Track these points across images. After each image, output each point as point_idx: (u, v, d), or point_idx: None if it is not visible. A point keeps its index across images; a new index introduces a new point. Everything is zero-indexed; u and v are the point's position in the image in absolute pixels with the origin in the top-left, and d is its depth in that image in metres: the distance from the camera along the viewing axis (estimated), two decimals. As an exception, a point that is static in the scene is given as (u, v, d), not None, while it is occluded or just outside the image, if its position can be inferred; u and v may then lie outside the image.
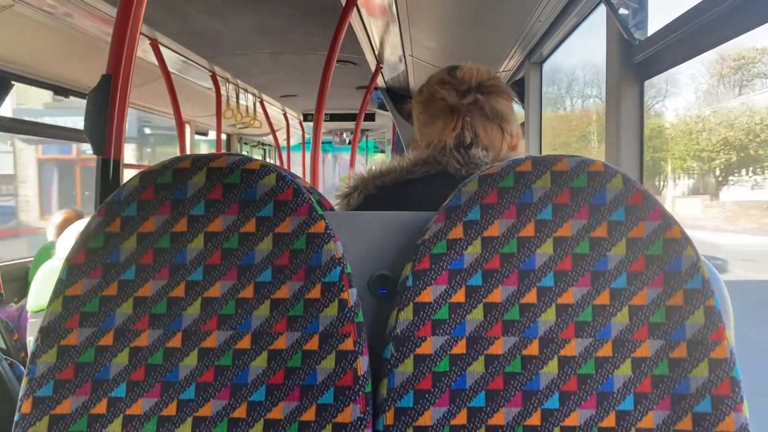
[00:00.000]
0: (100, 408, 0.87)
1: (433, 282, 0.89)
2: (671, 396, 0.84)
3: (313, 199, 0.93)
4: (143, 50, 3.61)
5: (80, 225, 3.38)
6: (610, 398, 0.85)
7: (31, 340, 2.83)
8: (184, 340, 0.89)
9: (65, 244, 3.25)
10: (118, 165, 1.14)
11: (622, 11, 1.89)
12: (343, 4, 2.84)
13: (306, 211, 0.91)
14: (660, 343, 0.86)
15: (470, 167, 1.20)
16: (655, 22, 1.81)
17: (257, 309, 0.89)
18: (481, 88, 1.27)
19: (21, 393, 0.88)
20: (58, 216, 3.80)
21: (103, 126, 1.11)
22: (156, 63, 3.76)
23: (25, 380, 0.89)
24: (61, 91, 4.14)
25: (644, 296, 0.87)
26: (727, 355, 0.84)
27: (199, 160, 0.93)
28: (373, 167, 1.30)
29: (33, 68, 3.69)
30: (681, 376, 0.84)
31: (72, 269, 0.91)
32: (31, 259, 3.95)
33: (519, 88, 3.72)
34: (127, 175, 1.05)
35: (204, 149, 8.13)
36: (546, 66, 3.61)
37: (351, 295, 0.89)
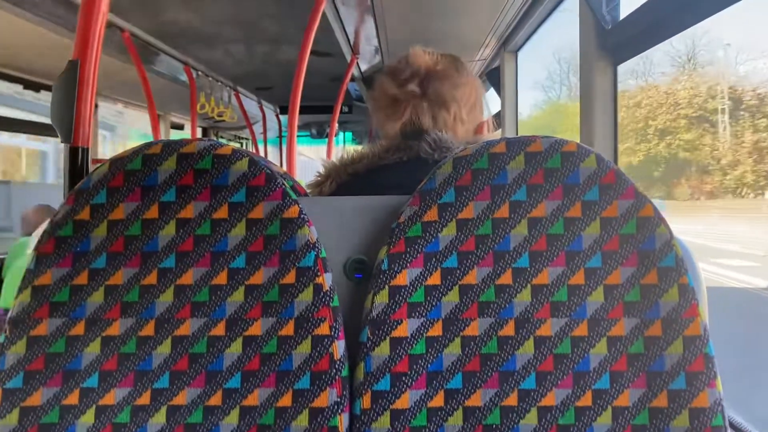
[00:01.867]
0: (72, 399, 0.86)
1: (408, 265, 0.88)
2: (647, 374, 0.85)
3: (286, 184, 0.92)
4: (116, 42, 3.55)
5: None
6: (586, 377, 0.85)
7: None
8: (157, 328, 0.88)
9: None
10: (86, 153, 1.12)
11: (595, -4, 1.89)
12: None
13: (279, 196, 0.90)
14: (635, 322, 0.86)
15: (442, 151, 1.20)
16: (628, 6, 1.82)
17: (231, 295, 0.88)
18: (427, 74, 1.28)
19: None
20: (30, 212, 3.74)
21: (71, 113, 1.09)
22: (129, 55, 3.71)
23: None
24: (31, 85, 4.07)
25: (619, 275, 0.87)
26: (701, 332, 0.85)
27: (169, 146, 0.91)
28: (345, 155, 1.30)
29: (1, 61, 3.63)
30: (656, 353, 0.85)
31: (41, 259, 0.90)
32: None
33: (495, 76, 3.73)
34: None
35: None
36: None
37: (326, 279, 0.88)
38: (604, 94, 1.93)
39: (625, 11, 1.86)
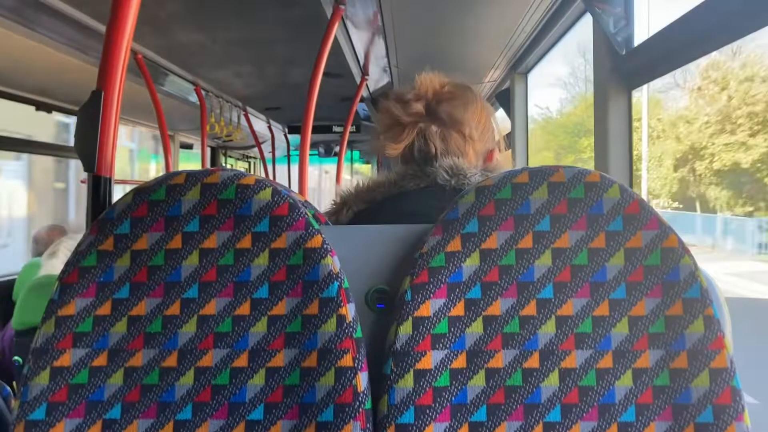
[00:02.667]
0: (95, 430, 0.86)
1: (431, 295, 0.88)
2: (673, 406, 0.84)
3: (308, 213, 0.92)
4: (130, 65, 3.58)
5: (67, 241, 3.34)
6: (611, 410, 0.85)
7: (17, 359, 2.78)
8: (180, 359, 0.88)
9: (50, 260, 3.21)
10: (109, 182, 1.13)
11: (609, 23, 1.90)
12: (329, 17, 2.84)
13: (302, 225, 0.90)
14: (660, 354, 0.86)
15: (459, 178, 1.20)
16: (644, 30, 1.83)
17: (254, 326, 0.88)
18: (435, 97, 1.28)
19: (13, 417, 0.86)
20: (42, 232, 3.75)
21: (94, 143, 1.10)
22: (140, 76, 3.74)
23: (16, 403, 0.87)
24: (43, 106, 4.10)
25: (643, 306, 0.87)
26: (727, 365, 0.84)
27: (193, 176, 0.92)
28: (360, 183, 1.30)
29: (14, 83, 3.66)
30: (682, 386, 0.84)
31: (64, 288, 0.90)
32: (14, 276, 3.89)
33: (505, 98, 3.74)
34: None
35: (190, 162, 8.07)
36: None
37: (349, 310, 0.88)
38: (619, 118, 1.93)
39: (632, 28, 1.87)
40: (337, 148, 7.36)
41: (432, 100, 1.27)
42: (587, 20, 2.18)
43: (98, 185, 1.11)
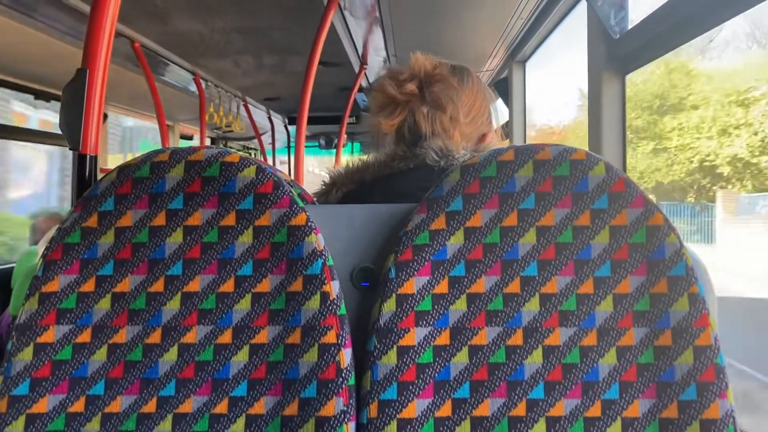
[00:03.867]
0: (78, 406, 0.86)
1: (415, 273, 0.88)
2: (657, 384, 0.84)
3: (294, 192, 0.92)
4: (126, 53, 3.58)
5: None
6: (595, 387, 0.84)
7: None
8: (163, 335, 0.88)
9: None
10: (94, 160, 1.13)
11: (603, 6, 1.89)
12: (325, 5, 2.83)
13: (287, 203, 0.90)
14: (644, 331, 0.85)
15: (449, 159, 1.20)
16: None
17: (238, 303, 0.88)
18: (426, 78, 1.28)
19: None
20: (40, 221, 3.76)
21: (79, 121, 1.10)
22: (139, 65, 3.73)
23: (0, 379, 0.87)
24: (42, 94, 4.10)
25: (628, 284, 0.86)
26: (712, 342, 0.84)
27: (177, 154, 0.92)
28: (350, 164, 1.30)
29: (13, 71, 3.65)
30: (666, 363, 0.84)
31: (48, 265, 0.90)
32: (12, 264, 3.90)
33: (503, 87, 3.73)
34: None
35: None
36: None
37: (333, 287, 0.88)
38: (613, 102, 1.92)
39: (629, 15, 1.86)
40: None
41: (424, 80, 1.27)
42: (583, 4, 2.17)
43: (83, 163, 1.11)
